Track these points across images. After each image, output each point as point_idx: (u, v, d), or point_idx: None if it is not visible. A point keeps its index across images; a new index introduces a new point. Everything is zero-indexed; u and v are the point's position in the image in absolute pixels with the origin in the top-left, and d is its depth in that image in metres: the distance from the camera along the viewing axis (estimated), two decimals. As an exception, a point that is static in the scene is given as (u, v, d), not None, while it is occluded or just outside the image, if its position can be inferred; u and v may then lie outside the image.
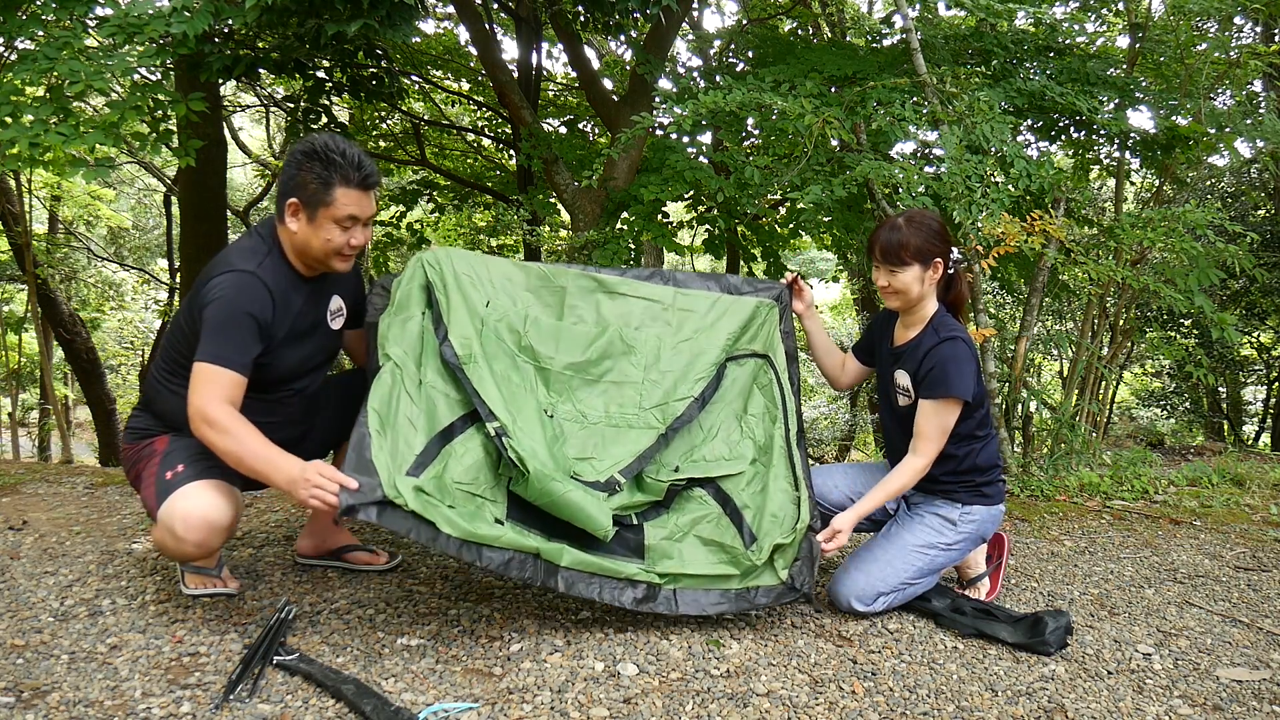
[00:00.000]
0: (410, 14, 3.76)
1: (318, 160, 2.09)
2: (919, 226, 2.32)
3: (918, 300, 2.37)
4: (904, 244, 2.30)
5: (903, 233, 2.31)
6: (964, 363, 2.28)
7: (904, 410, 2.42)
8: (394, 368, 2.18)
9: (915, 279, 2.33)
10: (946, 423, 2.29)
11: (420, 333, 2.30)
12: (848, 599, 2.30)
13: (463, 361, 2.25)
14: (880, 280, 2.37)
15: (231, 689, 1.79)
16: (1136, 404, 11.61)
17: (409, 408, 2.15)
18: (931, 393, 2.29)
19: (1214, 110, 4.63)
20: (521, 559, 2.03)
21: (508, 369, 2.35)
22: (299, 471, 1.91)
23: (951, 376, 2.26)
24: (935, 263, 2.34)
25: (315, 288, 2.27)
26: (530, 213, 6.00)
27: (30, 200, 8.23)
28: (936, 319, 2.39)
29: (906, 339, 2.42)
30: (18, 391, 9.74)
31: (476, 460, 2.17)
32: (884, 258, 2.33)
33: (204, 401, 1.98)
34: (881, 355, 2.55)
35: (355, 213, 2.13)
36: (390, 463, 2.00)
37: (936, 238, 2.33)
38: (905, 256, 2.30)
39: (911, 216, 2.35)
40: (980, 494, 2.42)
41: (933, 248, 2.32)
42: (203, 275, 2.14)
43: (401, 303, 2.33)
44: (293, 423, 2.32)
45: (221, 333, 2.02)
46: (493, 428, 2.16)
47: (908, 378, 2.38)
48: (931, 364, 2.29)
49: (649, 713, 1.79)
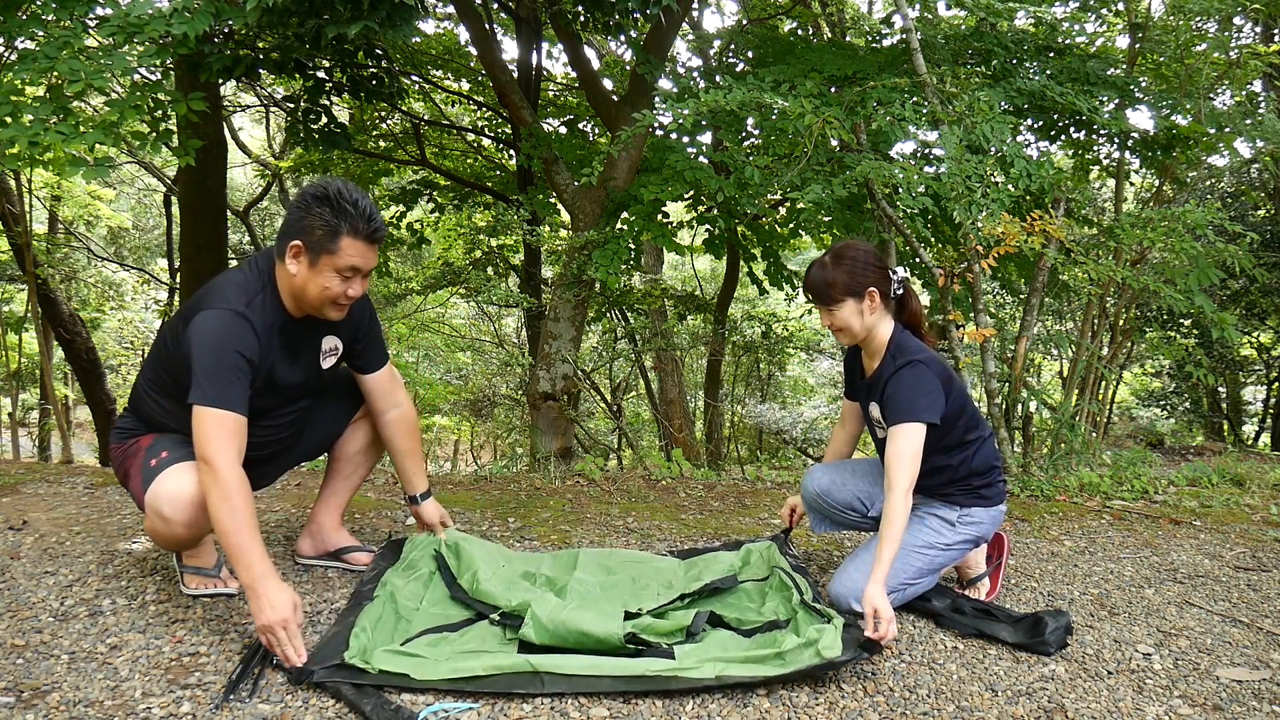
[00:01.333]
0: (410, 14, 3.77)
1: (329, 206, 2.04)
2: (846, 261, 2.31)
3: (865, 332, 2.36)
4: (830, 283, 2.30)
5: (829, 271, 2.31)
6: (923, 384, 2.25)
7: (884, 441, 2.39)
8: (389, 595, 2.22)
9: (853, 313, 2.32)
10: (915, 447, 2.23)
11: (427, 579, 2.38)
12: (847, 599, 2.29)
13: (471, 593, 2.28)
14: (824, 320, 2.37)
15: (231, 689, 1.78)
16: (1136, 404, 11.61)
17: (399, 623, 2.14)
18: (895, 419, 2.25)
19: (1214, 110, 4.63)
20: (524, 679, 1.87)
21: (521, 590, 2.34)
22: (274, 602, 1.86)
23: (911, 401, 2.23)
24: (870, 293, 2.31)
25: (307, 327, 2.22)
26: (530, 213, 6.00)
27: (30, 200, 8.23)
28: (893, 345, 2.36)
29: (873, 369, 2.42)
30: (18, 391, 9.73)
31: (479, 634, 2.12)
32: (816, 298, 2.34)
33: (215, 451, 1.92)
34: (859, 390, 2.54)
35: (359, 264, 2.09)
36: (370, 639, 1.98)
37: (866, 269, 2.30)
38: (835, 294, 2.30)
39: (839, 252, 2.34)
40: (979, 496, 2.42)
41: (863, 280, 2.30)
42: (194, 302, 2.11)
43: (411, 563, 2.44)
44: (277, 441, 2.34)
45: (217, 374, 1.98)
46: (495, 616, 2.16)
47: (878, 409, 2.37)
48: (891, 391, 2.27)
49: (649, 713, 1.79)
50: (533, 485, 3.84)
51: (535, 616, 2.04)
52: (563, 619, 2.02)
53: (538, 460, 4.96)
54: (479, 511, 3.30)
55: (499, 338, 12.20)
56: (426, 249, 10.28)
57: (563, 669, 1.88)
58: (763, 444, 10.86)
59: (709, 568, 2.54)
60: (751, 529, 3.24)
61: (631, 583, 2.45)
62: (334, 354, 2.34)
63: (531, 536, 3.01)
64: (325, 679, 1.81)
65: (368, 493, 3.50)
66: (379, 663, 1.86)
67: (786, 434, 10.43)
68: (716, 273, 12.43)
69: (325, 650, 1.92)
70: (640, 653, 2.00)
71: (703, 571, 2.51)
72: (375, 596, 2.21)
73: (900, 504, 2.16)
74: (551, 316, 5.23)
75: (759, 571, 2.51)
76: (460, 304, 12.81)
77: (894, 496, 2.17)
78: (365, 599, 2.21)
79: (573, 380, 5.26)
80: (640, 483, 3.96)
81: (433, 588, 2.34)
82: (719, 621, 2.22)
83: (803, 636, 2.00)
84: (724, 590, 2.39)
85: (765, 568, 2.52)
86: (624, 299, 7.76)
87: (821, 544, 3.07)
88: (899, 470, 2.19)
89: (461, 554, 2.45)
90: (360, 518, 3.12)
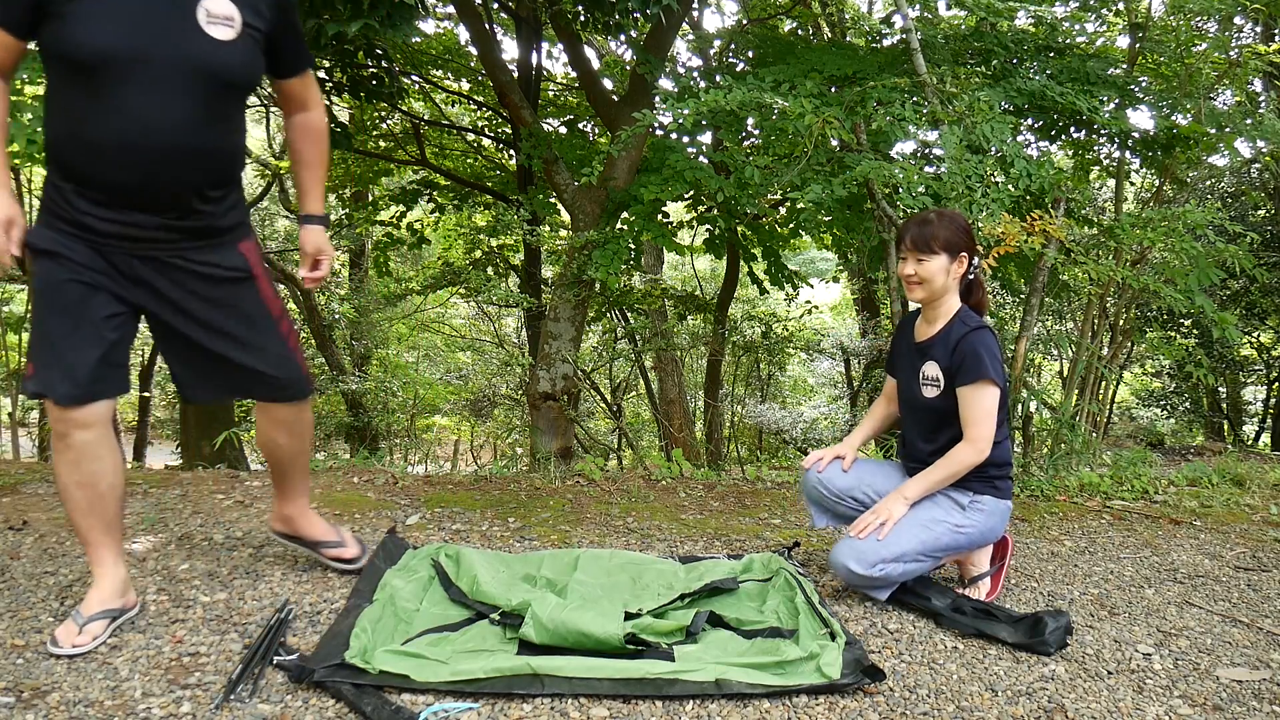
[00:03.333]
0: (410, 14, 3.77)
1: None
2: (949, 220, 2.42)
3: (941, 292, 2.44)
4: (934, 235, 2.39)
5: (933, 225, 2.41)
6: (997, 352, 2.37)
7: (928, 403, 2.46)
8: (389, 597, 2.21)
9: (941, 269, 2.41)
10: (991, 406, 2.34)
11: (426, 581, 2.37)
12: (845, 562, 2.32)
13: (471, 594, 2.27)
14: (907, 269, 2.44)
15: (231, 689, 1.78)
16: (1136, 404, 11.61)
17: (398, 624, 2.12)
18: (971, 377, 2.34)
19: (1214, 110, 4.63)
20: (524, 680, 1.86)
21: (521, 590, 2.33)
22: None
23: (987, 361, 2.33)
24: (961, 257, 2.42)
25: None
26: (530, 213, 6.01)
27: (30, 200, 8.23)
28: (962, 313, 2.46)
29: (932, 333, 2.48)
30: (18, 391, 9.72)
31: (479, 634, 2.11)
32: (914, 246, 2.41)
33: None
34: (904, 353, 2.59)
35: None
36: (370, 639, 1.96)
37: (964, 234, 2.42)
38: (935, 246, 2.39)
39: (942, 212, 2.45)
40: (992, 485, 2.45)
41: (960, 242, 2.41)
42: None
43: (411, 568, 2.44)
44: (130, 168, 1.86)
45: None
46: (495, 615, 2.15)
47: (937, 367, 2.43)
48: (965, 351, 2.36)
49: (649, 713, 1.79)
50: (533, 485, 3.84)
51: (535, 616, 2.04)
52: (563, 619, 2.02)
53: (538, 460, 4.96)
54: (479, 511, 3.30)
55: (499, 338, 12.20)
56: (426, 249, 10.29)
57: (563, 672, 1.88)
58: (763, 444, 10.87)
59: (710, 570, 2.55)
60: (751, 529, 3.24)
61: (632, 583, 2.45)
62: (227, 25, 1.88)
63: (531, 536, 3.01)
64: (325, 679, 1.81)
65: (368, 493, 3.50)
66: (379, 663, 1.86)
67: (786, 434, 10.44)
68: (716, 273, 12.43)
69: (325, 650, 1.92)
70: (640, 654, 2.00)
71: (704, 574, 2.51)
72: (375, 599, 2.21)
73: (970, 451, 2.33)
74: (551, 316, 5.23)
75: (761, 575, 2.52)
76: (460, 304, 12.81)
77: (964, 449, 2.34)
78: (365, 600, 2.21)
79: (573, 380, 5.26)
80: (640, 483, 3.96)
81: (432, 589, 2.34)
82: (719, 621, 2.22)
83: (805, 649, 2.00)
84: (725, 590, 2.39)
85: (768, 572, 2.53)
86: (624, 299, 7.76)
87: (822, 544, 3.07)
88: (979, 427, 2.34)
89: (461, 560, 2.45)
90: (360, 518, 3.12)
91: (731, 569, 2.55)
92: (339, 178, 8.95)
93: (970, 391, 2.35)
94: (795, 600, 2.28)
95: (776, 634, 2.14)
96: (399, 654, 1.91)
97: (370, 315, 11.65)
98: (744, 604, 2.35)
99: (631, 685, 1.86)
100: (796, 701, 1.86)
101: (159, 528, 2.87)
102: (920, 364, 2.49)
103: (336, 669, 1.84)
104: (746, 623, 2.22)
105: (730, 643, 2.12)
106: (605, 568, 2.54)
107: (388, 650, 1.91)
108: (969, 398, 2.35)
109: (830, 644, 2.02)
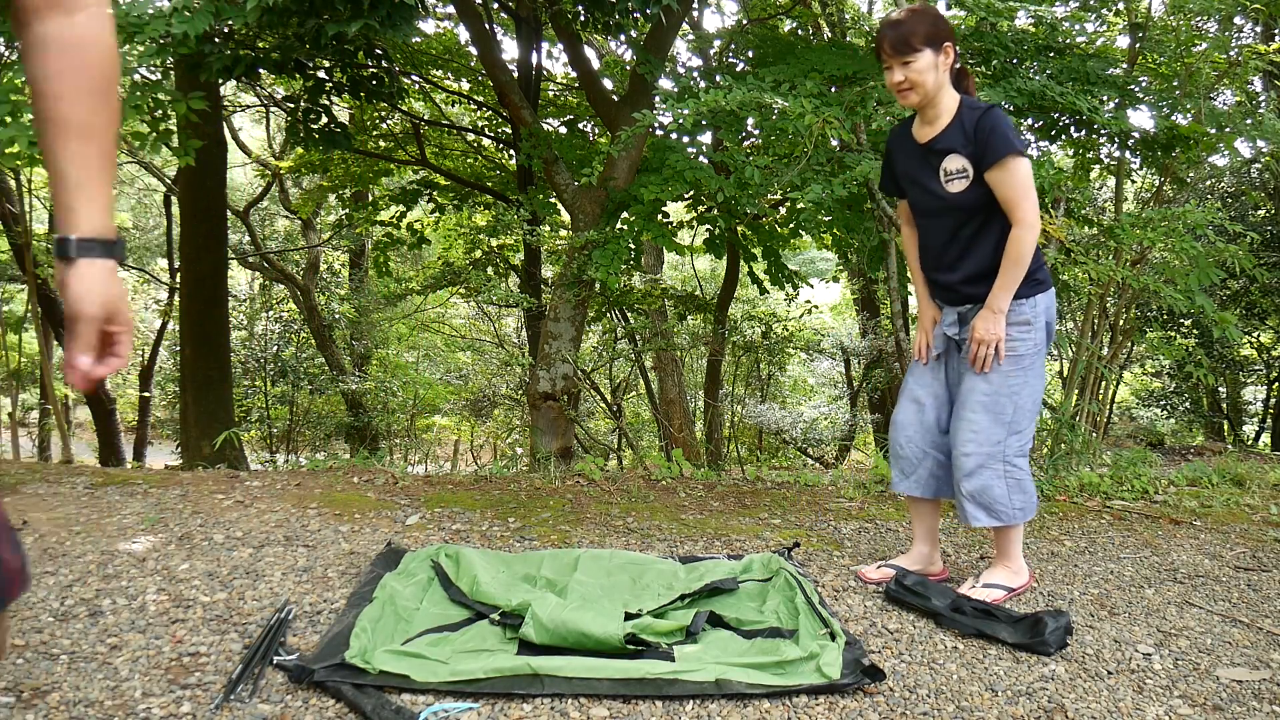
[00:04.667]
0: (410, 14, 3.77)
1: None
2: (922, 13, 2.30)
3: (935, 90, 2.34)
4: (912, 32, 2.28)
5: (907, 22, 2.29)
6: (1012, 125, 2.28)
7: (955, 200, 2.36)
8: (388, 597, 2.20)
9: (929, 66, 2.30)
10: (1026, 178, 2.26)
11: (425, 583, 2.37)
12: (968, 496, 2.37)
13: (471, 595, 2.27)
14: (895, 78, 2.33)
15: (231, 689, 1.78)
16: (1136, 404, 11.61)
17: (398, 624, 2.12)
18: (999, 154, 2.25)
19: (1214, 110, 4.63)
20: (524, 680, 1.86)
21: (521, 590, 2.34)
22: None
23: (1011, 135, 2.26)
24: (945, 47, 2.31)
25: None
26: (530, 213, 6.00)
27: (30, 200, 8.23)
28: (965, 100, 2.36)
29: (937, 131, 2.38)
30: (18, 391, 9.73)
31: (479, 633, 2.11)
32: (894, 50, 2.30)
33: None
34: (910, 163, 2.48)
35: None
36: (370, 639, 1.96)
37: (941, 21, 2.31)
38: (915, 44, 2.28)
39: (911, 7, 2.34)
40: (1036, 282, 2.39)
41: (940, 31, 2.30)
42: None
43: (410, 571, 2.44)
44: None
45: None
46: (496, 615, 2.14)
47: (960, 158, 2.33)
48: (986, 129, 2.27)
49: (649, 713, 1.79)
50: (533, 485, 3.84)
51: (535, 616, 2.04)
52: (563, 619, 2.02)
53: (538, 460, 4.95)
54: (479, 511, 3.30)
55: (499, 338, 12.20)
56: (426, 249, 10.29)
57: (563, 672, 1.88)
58: (763, 444, 10.87)
59: (711, 570, 2.55)
60: (751, 529, 3.24)
61: (632, 583, 2.45)
62: None
63: (531, 536, 3.01)
64: (325, 679, 1.81)
65: (368, 493, 3.50)
66: (379, 663, 1.86)
67: (786, 434, 10.44)
68: (716, 273, 12.43)
69: (325, 650, 1.92)
70: (640, 654, 2.00)
71: (704, 574, 2.51)
72: (374, 598, 2.21)
73: (1026, 231, 2.25)
74: (551, 316, 5.23)
75: (761, 575, 2.52)
76: (460, 304, 12.81)
77: (1019, 231, 2.26)
78: (364, 600, 2.21)
79: (573, 380, 5.26)
80: (640, 483, 3.96)
81: (432, 589, 2.34)
82: (719, 621, 2.22)
83: (805, 650, 2.00)
84: (725, 590, 2.39)
85: (768, 572, 2.53)
86: (624, 299, 7.76)
87: (822, 544, 3.07)
88: (1024, 204, 2.26)
89: (461, 560, 2.46)
90: (360, 518, 3.12)
91: (731, 569, 2.55)
92: (339, 178, 8.96)
93: (1002, 173, 2.26)
94: (795, 600, 2.28)
95: (776, 634, 2.15)
96: (399, 654, 1.91)
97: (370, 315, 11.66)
98: (744, 604, 2.35)
99: (631, 685, 1.86)
100: (796, 701, 1.86)
101: (159, 528, 2.87)
102: (938, 162, 2.38)
103: (336, 669, 1.84)
104: (746, 623, 2.23)
105: (730, 643, 2.12)
106: (605, 568, 2.54)
107: (388, 650, 1.91)
108: (1003, 178, 2.26)
109: (830, 644, 2.02)
